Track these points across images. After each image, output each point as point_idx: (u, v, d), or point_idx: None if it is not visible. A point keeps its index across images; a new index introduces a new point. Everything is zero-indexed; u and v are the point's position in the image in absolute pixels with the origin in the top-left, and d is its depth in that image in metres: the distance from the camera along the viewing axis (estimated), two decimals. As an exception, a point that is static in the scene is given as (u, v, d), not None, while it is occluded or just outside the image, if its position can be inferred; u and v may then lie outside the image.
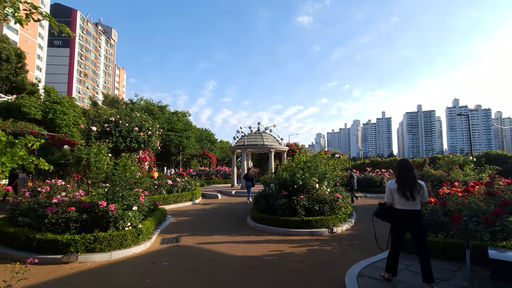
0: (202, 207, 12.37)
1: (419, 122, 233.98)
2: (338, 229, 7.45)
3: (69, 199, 6.17)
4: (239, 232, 7.56)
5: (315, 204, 7.60)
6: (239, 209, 11.51)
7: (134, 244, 5.76)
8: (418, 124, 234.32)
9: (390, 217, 3.79)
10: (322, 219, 7.35)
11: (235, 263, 5.13)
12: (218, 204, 13.29)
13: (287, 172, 8.61)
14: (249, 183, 14.05)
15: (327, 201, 7.79)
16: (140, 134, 13.57)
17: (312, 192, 8.02)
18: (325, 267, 4.91)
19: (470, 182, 8.00)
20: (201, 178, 27.35)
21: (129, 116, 13.86)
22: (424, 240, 3.61)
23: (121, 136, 13.12)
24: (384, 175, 17.01)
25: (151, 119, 14.80)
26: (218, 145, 65.93)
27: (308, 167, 8.57)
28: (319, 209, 7.56)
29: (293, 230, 7.17)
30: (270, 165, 17.64)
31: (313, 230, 7.15)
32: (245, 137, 18.56)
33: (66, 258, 4.87)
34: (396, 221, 3.72)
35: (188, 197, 13.17)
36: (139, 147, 13.74)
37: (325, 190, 8.24)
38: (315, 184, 8.05)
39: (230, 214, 10.43)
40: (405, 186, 3.59)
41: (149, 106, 33.17)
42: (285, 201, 7.70)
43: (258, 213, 8.16)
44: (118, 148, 13.13)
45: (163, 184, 12.44)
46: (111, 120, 13.32)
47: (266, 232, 7.42)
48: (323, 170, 8.60)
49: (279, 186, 8.43)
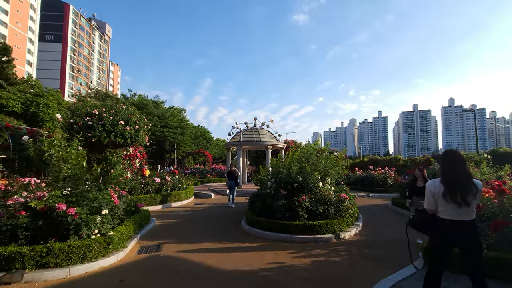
0: (193, 207, 11.35)
1: (415, 122, 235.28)
2: (346, 235, 6.49)
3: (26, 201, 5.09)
4: (231, 237, 6.56)
5: (319, 206, 6.63)
6: (233, 210, 10.50)
7: (102, 255, 4.72)
8: (414, 123, 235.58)
9: (432, 229, 2.80)
10: (327, 224, 6.37)
11: (223, 282, 4.12)
12: (211, 204, 12.28)
13: (284, 167, 7.64)
14: (232, 182, 11.77)
15: (333, 202, 6.82)
16: (126, 128, 12.45)
17: (315, 192, 7.05)
18: (338, 286, 3.94)
19: (492, 181, 7.10)
20: (195, 176, 26.31)
21: (114, 109, 12.72)
22: (479, 259, 2.65)
23: (104, 130, 11.99)
24: (388, 174, 16.12)
25: (139, 113, 13.68)
26: (214, 143, 64.81)
27: (306, 159, 7.55)
28: (324, 211, 6.59)
29: (294, 237, 6.19)
30: (267, 163, 16.65)
31: (318, 237, 6.18)
32: (240, 133, 17.54)
33: (8, 277, 3.83)
34: (441, 234, 2.73)
35: (178, 196, 12.13)
36: (125, 142, 12.63)
37: (329, 189, 7.28)
38: (318, 182, 7.08)
39: (223, 215, 9.42)
40: (456, 188, 2.60)
41: (143, 101, 31.89)
42: (285, 202, 6.72)
43: (254, 216, 7.17)
44: (102, 143, 12.02)
45: (151, 182, 11.38)
46: (94, 113, 12.19)
47: (263, 238, 6.43)
48: (325, 164, 7.59)
49: (277, 184, 7.44)
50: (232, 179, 11.93)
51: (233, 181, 11.90)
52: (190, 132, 43.67)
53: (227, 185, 12.09)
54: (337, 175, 8.11)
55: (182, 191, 12.57)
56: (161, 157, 44.23)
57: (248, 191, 15.48)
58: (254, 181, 11.37)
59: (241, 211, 9.49)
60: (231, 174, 12.17)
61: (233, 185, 11.88)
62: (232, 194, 11.70)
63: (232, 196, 11.67)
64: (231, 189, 11.80)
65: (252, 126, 17.86)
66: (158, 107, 32.91)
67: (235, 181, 11.97)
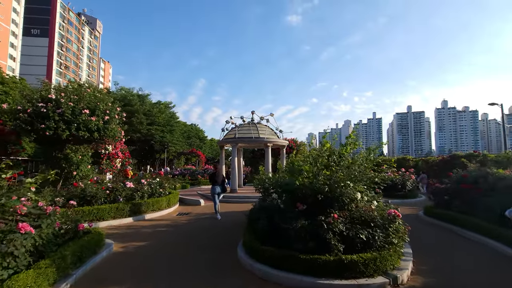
0: (175, 219, 8.85)
1: (409, 123, 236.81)
2: (403, 275, 4.12)
3: None
4: (223, 282, 4.13)
5: (358, 230, 4.25)
6: (227, 226, 8.04)
7: None
8: (408, 125, 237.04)
9: None
10: (375, 259, 4.00)
11: None
12: (199, 214, 9.80)
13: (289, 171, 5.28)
14: (217, 188, 9.04)
15: (378, 223, 4.45)
16: (91, 118, 9.87)
17: (349, 206, 4.68)
18: None
19: None
20: (185, 178, 23.77)
21: (77, 94, 10.14)
22: None
23: (63, 120, 9.41)
24: (408, 177, 13.86)
25: (110, 100, 11.10)
26: (208, 143, 62.10)
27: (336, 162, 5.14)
28: (368, 238, 4.21)
29: (326, 283, 3.80)
30: (267, 163, 14.25)
31: (364, 283, 3.80)
32: (236, 129, 15.08)
33: None
34: None
35: (157, 205, 9.62)
36: (91, 136, 10.04)
37: (369, 203, 4.92)
38: (356, 193, 4.71)
39: (212, 235, 6.96)
40: None
41: (128, 96, 29.08)
42: (306, 224, 4.33)
43: (257, 242, 4.74)
44: (60, 137, 9.43)
45: (120, 188, 8.83)
46: (49, 97, 9.59)
47: (276, 283, 4.03)
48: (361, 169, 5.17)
49: (291, 195, 5.06)
50: (218, 183, 9.11)
51: (219, 186, 9.10)
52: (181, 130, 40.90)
53: (211, 192, 9.18)
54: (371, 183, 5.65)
55: (162, 198, 10.05)
56: (151, 157, 41.43)
57: (244, 196, 13.04)
58: (255, 185, 8.96)
59: (237, 225, 7.07)
60: (214, 177, 9.27)
61: (219, 192, 9.11)
62: (216, 201, 9.11)
63: (216, 204, 9.10)
64: (215, 196, 9.07)
65: (249, 121, 15.43)
66: (144, 102, 30.11)
67: (222, 186, 9.28)
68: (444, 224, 7.66)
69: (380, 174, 5.34)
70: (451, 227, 7.31)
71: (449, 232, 7.18)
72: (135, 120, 27.27)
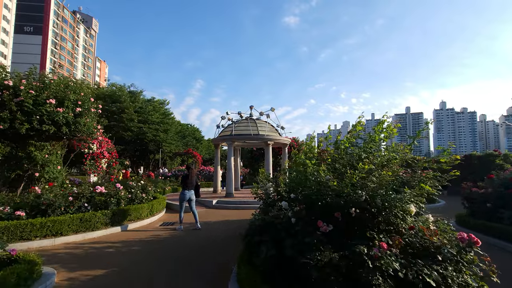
0: (155, 233, 7.19)
1: (408, 124, 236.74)
2: None
3: None
4: None
5: (420, 268, 2.66)
6: (219, 242, 6.42)
7: None
8: (406, 126, 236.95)
9: None
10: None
11: None
12: (186, 225, 8.16)
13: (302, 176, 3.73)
14: (187, 193, 7.54)
15: (446, 254, 2.87)
16: (58, 110, 8.23)
17: (399, 227, 3.11)
18: None
19: None
20: (178, 179, 22.12)
21: (41, 82, 8.50)
22: None
23: (22, 111, 7.78)
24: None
25: (85, 89, 9.46)
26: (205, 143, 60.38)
27: (380, 164, 3.59)
28: (437, 283, 2.62)
29: None
30: (267, 164, 12.67)
31: None
32: (232, 125, 13.50)
33: None
34: None
35: (136, 213, 7.99)
36: (59, 131, 8.40)
37: (427, 222, 3.35)
38: (410, 206, 3.15)
39: (201, 258, 5.34)
40: None
41: (117, 92, 27.38)
42: (336, 258, 2.74)
43: (258, 280, 3.15)
44: (18, 132, 7.78)
45: (86, 193, 7.17)
46: (6, 84, 7.95)
47: None
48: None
49: (309, 207, 3.48)
50: (190, 187, 7.56)
51: (190, 191, 7.56)
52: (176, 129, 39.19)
53: (180, 198, 7.66)
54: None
55: (144, 204, 8.42)
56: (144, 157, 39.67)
57: (242, 202, 11.42)
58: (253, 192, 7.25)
59: (234, 241, 5.47)
60: (186, 181, 7.62)
61: (190, 198, 7.56)
62: (181, 209, 7.66)
63: (181, 212, 7.66)
64: (183, 204, 7.65)
65: (247, 116, 13.84)
66: (136, 98, 28.38)
67: (197, 191, 7.90)
68: (489, 239, 6.09)
69: (435, 174, 3.74)
70: (504, 244, 5.74)
71: (501, 251, 5.62)
72: (125, 117, 25.61)
